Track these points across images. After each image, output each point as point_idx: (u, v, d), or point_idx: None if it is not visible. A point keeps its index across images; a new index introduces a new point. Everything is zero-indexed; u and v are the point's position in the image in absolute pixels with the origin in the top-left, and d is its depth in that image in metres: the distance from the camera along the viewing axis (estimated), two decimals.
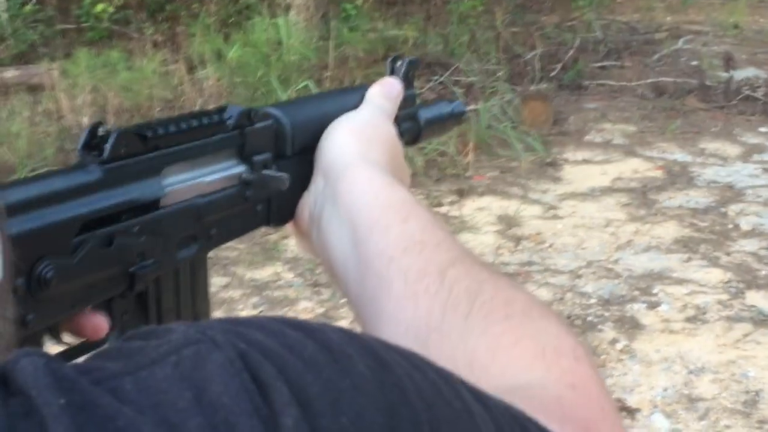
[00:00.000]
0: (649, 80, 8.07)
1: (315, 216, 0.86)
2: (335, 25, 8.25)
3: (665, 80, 8.05)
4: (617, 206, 5.54)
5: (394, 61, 1.02)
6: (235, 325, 0.45)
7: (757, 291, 4.46)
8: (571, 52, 8.62)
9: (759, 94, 7.46)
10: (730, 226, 5.19)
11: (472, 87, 7.22)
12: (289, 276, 4.74)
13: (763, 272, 4.63)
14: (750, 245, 4.93)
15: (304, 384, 0.41)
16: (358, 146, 0.87)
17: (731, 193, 5.66)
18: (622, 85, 8.01)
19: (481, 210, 5.52)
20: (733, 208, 5.42)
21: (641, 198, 5.65)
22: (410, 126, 1.03)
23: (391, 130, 0.94)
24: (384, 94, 0.96)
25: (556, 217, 5.43)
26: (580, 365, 0.64)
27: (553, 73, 8.13)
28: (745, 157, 6.31)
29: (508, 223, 5.33)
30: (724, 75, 7.83)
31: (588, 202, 5.62)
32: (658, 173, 6.05)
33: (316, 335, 0.45)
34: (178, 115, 0.77)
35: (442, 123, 1.08)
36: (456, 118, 1.11)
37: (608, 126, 6.99)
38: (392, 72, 1.01)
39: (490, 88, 7.17)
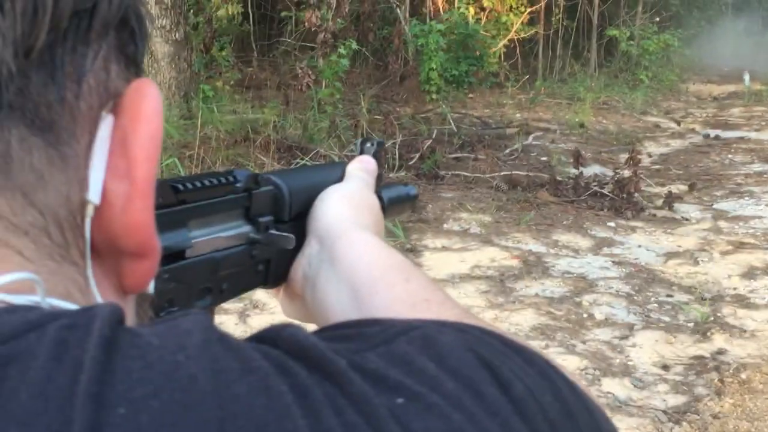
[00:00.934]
0: (503, 173, 8.34)
1: (310, 277, 0.89)
2: (197, 104, 8.24)
3: (518, 173, 8.34)
4: (476, 293, 5.66)
5: (364, 142, 1.07)
6: (438, 322, 0.52)
7: (612, 378, 4.60)
8: (428, 143, 8.84)
9: (606, 190, 7.80)
10: (585, 315, 5.37)
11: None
12: None
13: (617, 360, 4.79)
14: (604, 334, 5.11)
15: (515, 366, 0.48)
16: (350, 213, 0.92)
17: (584, 284, 5.86)
18: (476, 176, 8.25)
19: None
20: (586, 298, 5.61)
21: (499, 286, 5.79)
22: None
23: (375, 200, 1.00)
24: (363, 169, 1.02)
25: None
26: None
27: (411, 162, 8.31)
28: (596, 249, 6.57)
29: None
30: (573, 171, 8.16)
31: (448, 289, 5.71)
32: (515, 262, 6.21)
33: (497, 334, 0.53)
34: (196, 174, 0.80)
35: (401, 204, 1.12)
36: (411, 200, 1.15)
37: (465, 215, 7.17)
38: (362, 152, 1.05)
39: None
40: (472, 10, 14.75)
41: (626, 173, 7.86)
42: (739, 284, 5.96)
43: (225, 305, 4.73)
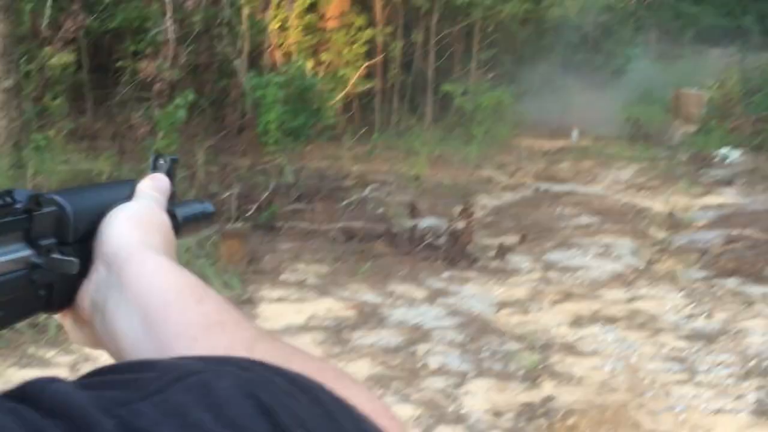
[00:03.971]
0: (340, 224, 8.40)
1: (99, 304, 0.86)
2: (28, 154, 8.02)
3: (354, 225, 8.42)
4: (313, 343, 5.66)
5: (156, 159, 1.04)
6: (221, 360, 0.49)
7: (446, 425, 4.68)
8: (265, 194, 8.83)
9: (440, 242, 7.96)
10: (419, 364, 5.44)
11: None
12: None
13: (451, 408, 4.87)
14: (438, 382, 5.19)
15: (299, 408, 0.47)
16: (138, 234, 0.89)
17: (419, 334, 5.95)
18: (314, 227, 8.29)
19: None
20: (421, 348, 5.69)
21: (335, 336, 5.82)
22: (172, 222, 1.03)
23: (166, 219, 0.96)
24: (155, 187, 0.98)
25: None
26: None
27: (248, 213, 8.29)
28: (431, 299, 6.68)
29: None
30: (409, 223, 8.29)
31: (285, 339, 5.71)
32: (351, 313, 6.26)
33: (282, 371, 0.51)
34: None
35: (197, 222, 1.09)
36: (208, 218, 1.12)
37: (302, 266, 7.19)
38: (155, 168, 1.03)
39: None
40: (310, 63, 14.89)
41: (460, 225, 8.03)
42: (567, 332, 6.16)
43: (57, 358, 4.59)
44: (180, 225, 1.02)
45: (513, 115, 18.34)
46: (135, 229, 0.89)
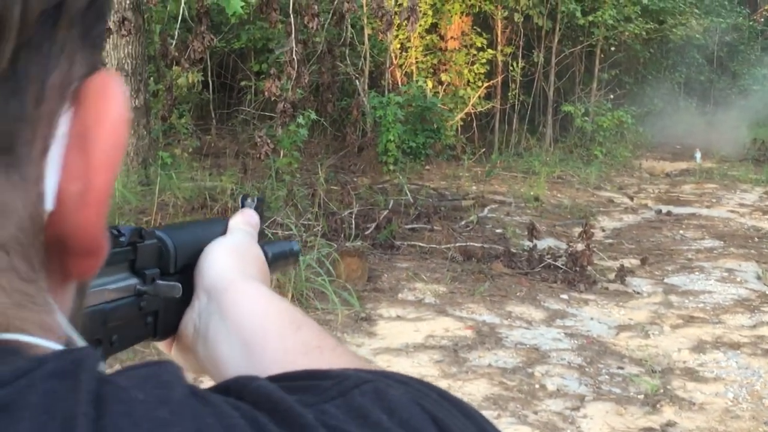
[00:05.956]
0: (458, 244, 8.41)
1: (201, 331, 0.90)
2: (155, 171, 8.27)
3: (473, 245, 8.43)
4: (430, 362, 5.68)
5: (245, 198, 1.10)
6: (384, 373, 0.54)
7: None
8: (384, 213, 8.91)
9: (560, 263, 7.90)
10: (537, 386, 5.41)
11: (291, 240, 7.32)
12: None
13: (568, 431, 4.82)
14: (555, 405, 5.14)
15: (456, 420, 0.51)
16: (236, 264, 0.93)
17: (537, 355, 5.91)
18: (432, 247, 8.32)
19: None
20: (539, 369, 5.65)
21: (453, 356, 5.82)
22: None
23: (260, 251, 1.01)
24: (246, 222, 1.03)
25: None
26: None
27: (367, 232, 8.37)
28: (549, 321, 6.63)
29: None
30: (528, 243, 8.25)
31: (402, 358, 5.75)
32: (468, 333, 6.25)
33: (433, 386, 0.55)
34: None
35: (285, 259, 1.14)
36: (295, 257, 1.17)
37: (420, 285, 7.22)
38: (243, 206, 1.09)
39: (308, 243, 7.32)
40: (430, 83, 14.98)
41: (579, 246, 7.96)
42: (688, 357, 6.04)
43: None
44: (270, 261, 1.07)
45: (634, 135, 18.12)
46: (233, 259, 0.93)
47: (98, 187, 0.45)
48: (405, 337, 6.09)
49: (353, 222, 8.40)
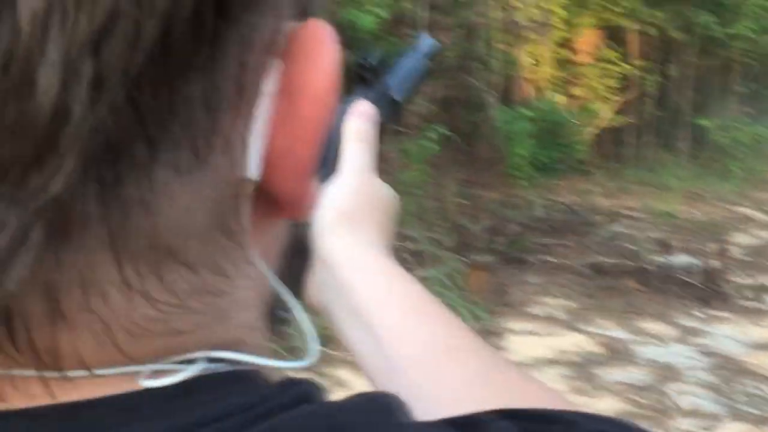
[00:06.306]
0: (589, 259, 8.32)
1: (323, 304, 0.82)
2: None
3: (604, 260, 8.32)
4: (560, 378, 5.64)
5: (365, 58, 0.94)
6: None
7: None
8: (514, 228, 8.88)
9: (694, 280, 7.73)
10: (670, 404, 5.31)
11: (421, 254, 7.38)
12: None
13: None
14: (689, 424, 5.04)
15: None
16: (348, 234, 0.81)
17: (670, 373, 5.80)
18: (563, 262, 8.24)
19: None
20: (671, 387, 5.55)
21: (583, 371, 5.76)
22: (387, 113, 0.94)
23: (379, 191, 0.88)
24: (359, 135, 0.90)
25: None
26: None
27: (497, 246, 8.35)
28: (682, 338, 6.50)
29: None
30: (661, 260, 8.10)
31: (531, 373, 5.71)
32: (599, 349, 6.18)
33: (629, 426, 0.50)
34: None
35: (416, 86, 0.98)
36: (433, 57, 0.99)
37: (550, 300, 7.17)
38: (363, 69, 0.93)
39: (437, 257, 7.34)
40: (561, 97, 14.86)
41: (715, 263, 7.78)
42: None
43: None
44: (401, 105, 0.94)
45: None
46: (344, 228, 0.82)
47: (306, 138, 0.39)
48: (535, 352, 6.06)
49: (482, 236, 8.39)
